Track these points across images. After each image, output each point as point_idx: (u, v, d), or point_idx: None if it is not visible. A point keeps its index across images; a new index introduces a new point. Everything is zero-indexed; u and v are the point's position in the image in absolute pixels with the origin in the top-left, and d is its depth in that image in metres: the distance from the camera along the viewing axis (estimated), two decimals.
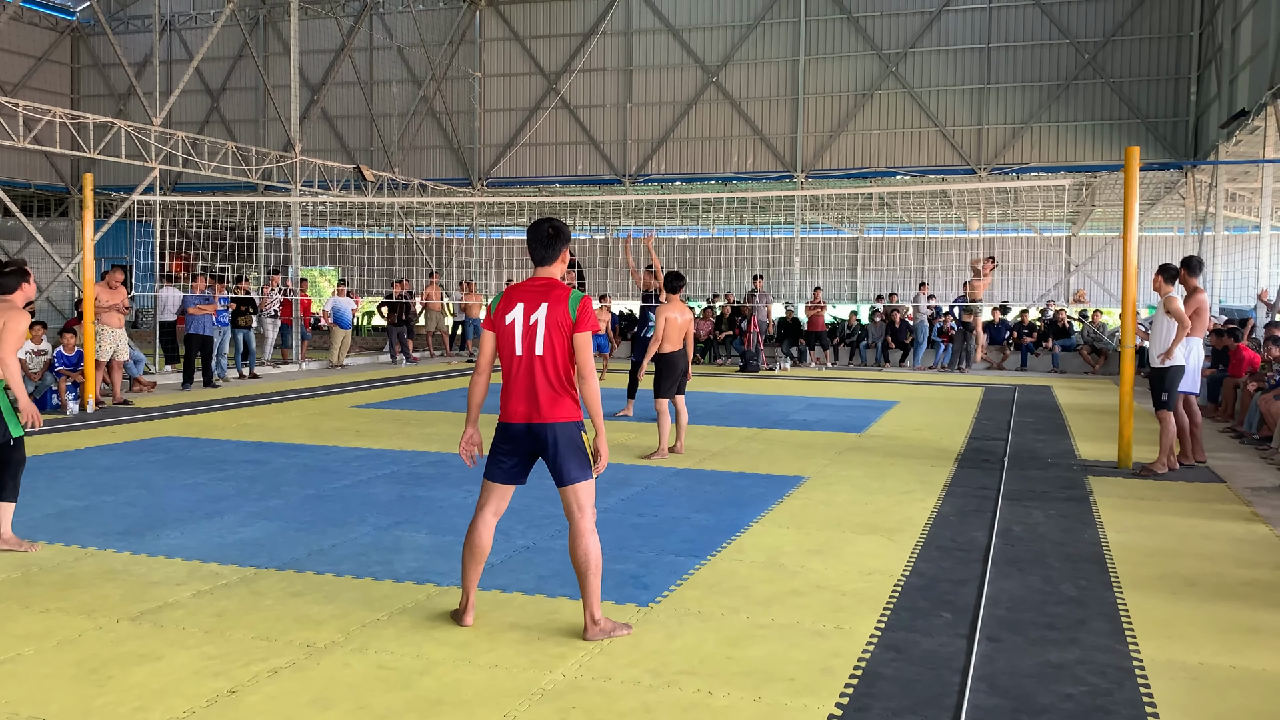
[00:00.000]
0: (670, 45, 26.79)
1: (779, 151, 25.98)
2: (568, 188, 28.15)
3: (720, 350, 22.68)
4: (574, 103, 27.69)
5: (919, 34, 24.77)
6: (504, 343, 4.60)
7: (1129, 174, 9.32)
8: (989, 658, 4.41)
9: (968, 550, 6.22)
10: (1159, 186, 24.21)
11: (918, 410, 13.64)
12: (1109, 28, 23.58)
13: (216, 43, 26.99)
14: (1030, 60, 24.24)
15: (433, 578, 5.47)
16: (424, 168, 28.81)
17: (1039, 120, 24.18)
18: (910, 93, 24.93)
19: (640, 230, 30.62)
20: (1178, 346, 8.82)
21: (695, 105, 26.65)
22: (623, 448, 10.00)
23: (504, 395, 4.63)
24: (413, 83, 28.88)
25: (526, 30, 28.09)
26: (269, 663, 4.26)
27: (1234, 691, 4.09)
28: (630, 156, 27.30)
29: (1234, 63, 18.41)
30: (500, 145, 28.50)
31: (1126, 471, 9.05)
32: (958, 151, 24.73)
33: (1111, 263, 26.10)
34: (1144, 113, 23.53)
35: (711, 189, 26.77)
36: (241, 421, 11.81)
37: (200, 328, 15.31)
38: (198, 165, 19.06)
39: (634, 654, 4.39)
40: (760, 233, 30.98)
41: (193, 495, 7.56)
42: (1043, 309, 22.78)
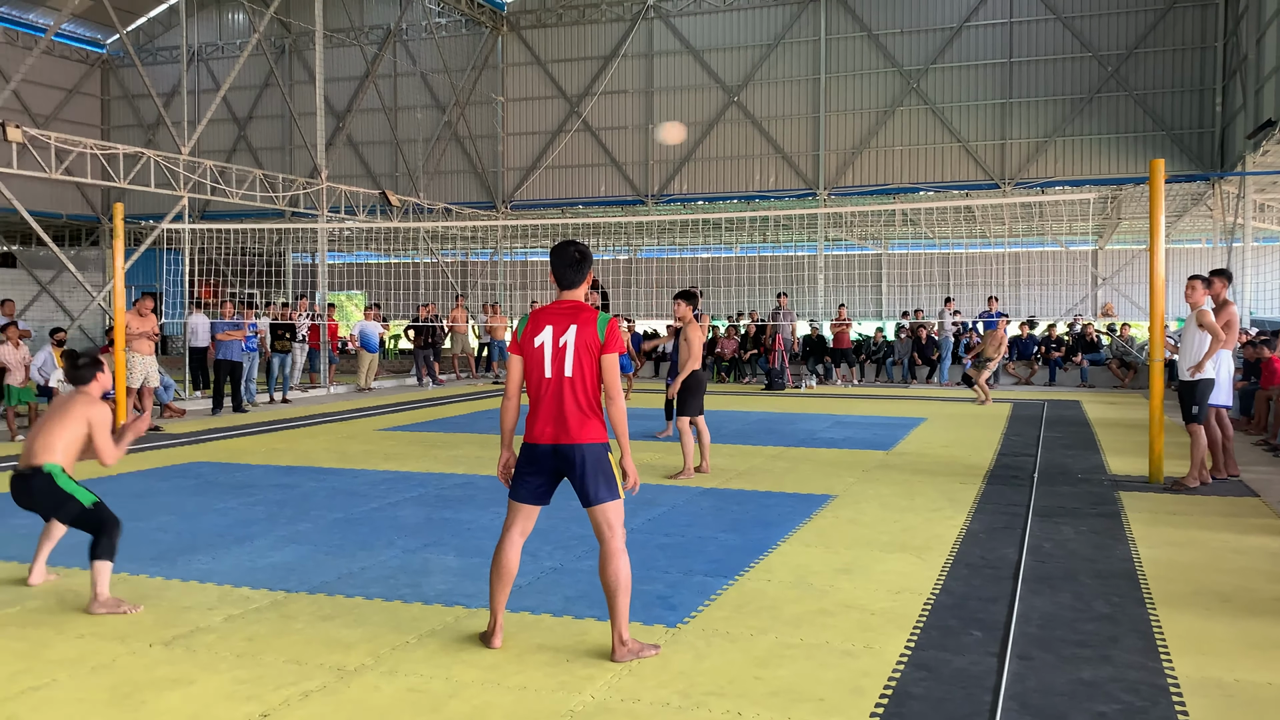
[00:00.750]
0: (691, 66, 26.92)
1: (801, 169, 26.01)
2: (591, 209, 28.29)
3: (745, 369, 22.65)
4: (596, 125, 27.85)
5: (940, 50, 24.78)
6: (532, 365, 4.62)
7: (1154, 186, 9.27)
8: (1020, 676, 4.37)
9: (998, 567, 6.18)
10: (1186, 198, 24.02)
11: (945, 427, 13.56)
12: (1132, 40, 23.50)
13: (243, 72, 27.39)
14: (1053, 74, 24.19)
15: (461, 600, 5.49)
16: (449, 192, 29.04)
17: (1063, 134, 24.10)
18: (932, 109, 24.92)
19: (664, 250, 30.71)
20: (1208, 359, 8.74)
21: (717, 125, 26.74)
22: (649, 467, 10.00)
23: (530, 416, 4.66)
24: (436, 108, 29.15)
25: (548, 54, 28.31)
26: (300, 686, 4.28)
27: (1271, 709, 4.03)
28: (653, 177, 27.42)
29: (1259, 73, 18.28)
30: (523, 168, 28.70)
31: (1158, 486, 8.96)
32: (981, 166, 24.67)
33: (1139, 276, 25.89)
34: (1169, 125, 23.40)
35: (734, 208, 26.82)
36: (270, 446, 11.90)
37: (229, 353, 15.45)
38: (225, 193, 19.29)
39: (662, 675, 4.39)
40: (784, 251, 30.94)
41: (223, 520, 7.62)
42: (1070, 323, 22.62)
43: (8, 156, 15.17)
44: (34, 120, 29.29)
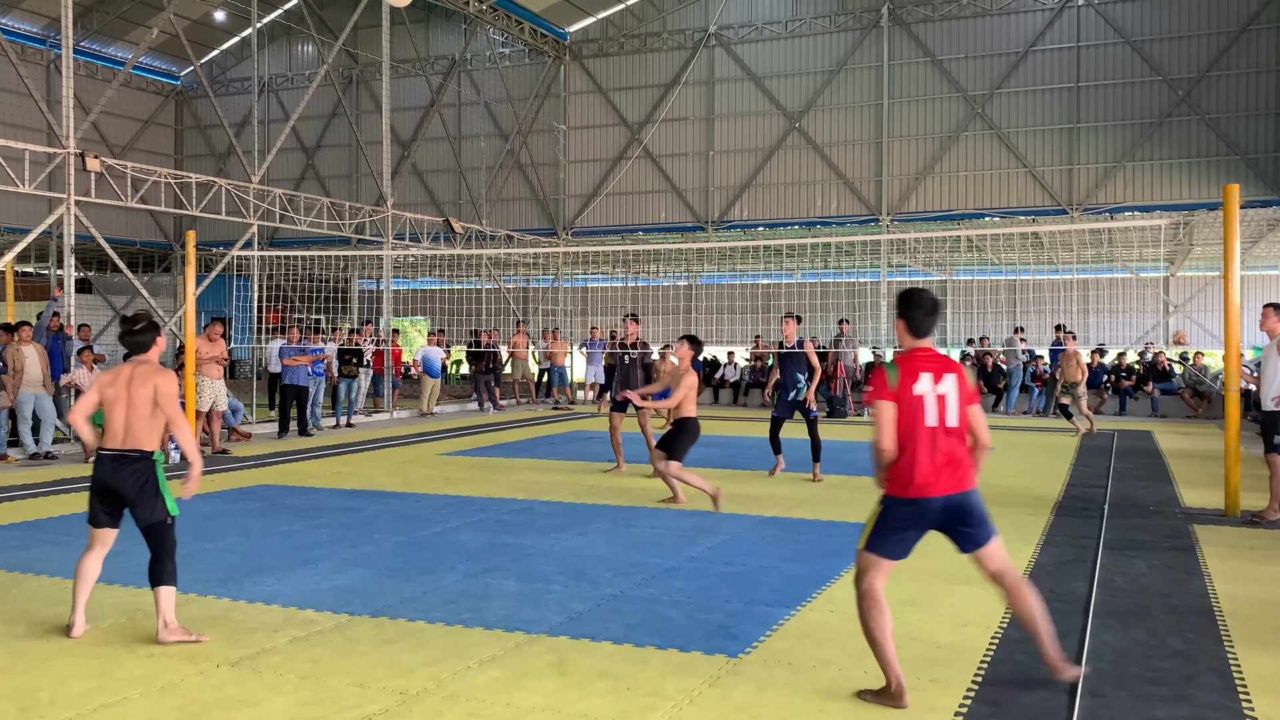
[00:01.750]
0: (752, 93, 26.95)
1: (863, 195, 25.86)
2: (651, 236, 28.38)
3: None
4: (656, 152, 27.98)
5: (1005, 75, 24.53)
6: (910, 413, 4.48)
7: (1228, 212, 9.05)
8: (1092, 714, 4.25)
9: (1068, 601, 6.03)
10: (1260, 224, 23.40)
11: (1013, 456, 13.31)
12: (1204, 63, 23.06)
13: (311, 102, 27.98)
14: (1121, 98, 23.81)
15: (522, 625, 5.49)
16: (511, 219, 29.33)
17: (1132, 159, 23.68)
18: (997, 134, 24.65)
19: (724, 276, 30.69)
20: None
21: (777, 151, 26.71)
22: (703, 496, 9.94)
23: (909, 467, 4.45)
24: (499, 136, 29.51)
25: (610, 83, 28.55)
26: (363, 709, 4.30)
27: None
28: (713, 203, 27.44)
29: None
30: (584, 195, 28.90)
31: (1234, 519, 8.70)
32: (1048, 192, 24.32)
33: (1212, 303, 25.26)
34: (1243, 149, 22.88)
35: (795, 234, 26.70)
36: (335, 470, 12.05)
37: (296, 378, 15.72)
38: (293, 220, 19.69)
39: (723, 705, 4.34)
40: (845, 277, 30.72)
41: (288, 542, 7.72)
42: (1141, 351, 22.14)
43: (86, 185, 15.65)
44: (111, 150, 30.18)
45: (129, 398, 5.38)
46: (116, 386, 5.43)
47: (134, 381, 5.40)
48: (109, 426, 5.40)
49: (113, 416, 5.41)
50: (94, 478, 5.41)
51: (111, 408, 5.42)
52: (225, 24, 31.36)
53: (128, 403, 5.38)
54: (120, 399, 5.40)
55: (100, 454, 5.41)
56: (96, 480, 5.39)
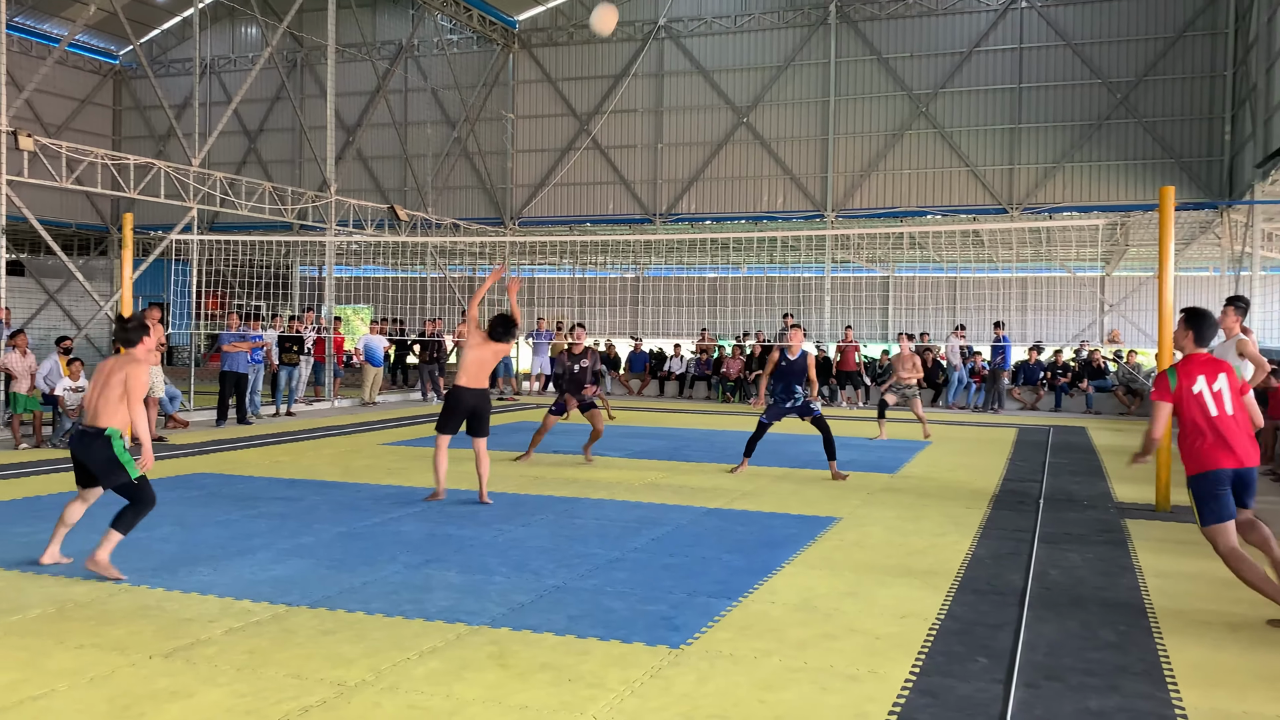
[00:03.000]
0: (701, 86, 27.01)
1: (809, 191, 26.05)
2: (599, 227, 28.34)
3: (751, 389, 22.61)
4: (605, 143, 27.94)
5: (949, 75, 24.84)
6: (1194, 408, 5.60)
7: (1164, 214, 9.25)
8: (1027, 704, 4.33)
9: (1004, 593, 6.13)
10: (1194, 226, 23.97)
11: (951, 451, 13.51)
12: (1141, 68, 23.55)
13: (254, 85, 27.47)
14: (1062, 100, 24.23)
15: (463, 617, 5.45)
16: (457, 207, 29.12)
17: (1071, 160, 24.13)
18: (941, 133, 24.97)
19: (671, 269, 30.73)
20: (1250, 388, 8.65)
21: (726, 145, 26.81)
22: (653, 487, 9.97)
23: (1214, 449, 5.54)
24: (446, 124, 29.26)
25: (559, 72, 28.43)
26: (300, 701, 4.25)
27: None
28: (661, 196, 27.47)
29: (1269, 102, 18.29)
30: (532, 185, 28.78)
31: (1165, 514, 8.91)
32: (989, 191, 24.69)
33: (1146, 303, 25.85)
34: (1178, 152, 23.42)
35: (742, 228, 26.85)
36: (274, 458, 11.88)
37: (235, 365, 15.46)
38: (235, 205, 19.35)
39: (665, 696, 4.35)
40: (791, 272, 30.94)
41: (225, 532, 7.60)
42: (1077, 349, 22.57)
43: (19, 165, 15.22)
44: (46, 129, 29.43)
45: (104, 382, 6.25)
46: (97, 373, 6.34)
47: (112, 369, 6.27)
48: (84, 405, 6.35)
49: (87, 398, 6.33)
50: (70, 450, 6.40)
51: (88, 391, 6.35)
52: (166, 3, 30.70)
53: (102, 386, 6.24)
54: (96, 383, 6.30)
55: (75, 429, 6.36)
56: (72, 452, 6.35)
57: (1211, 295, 24.40)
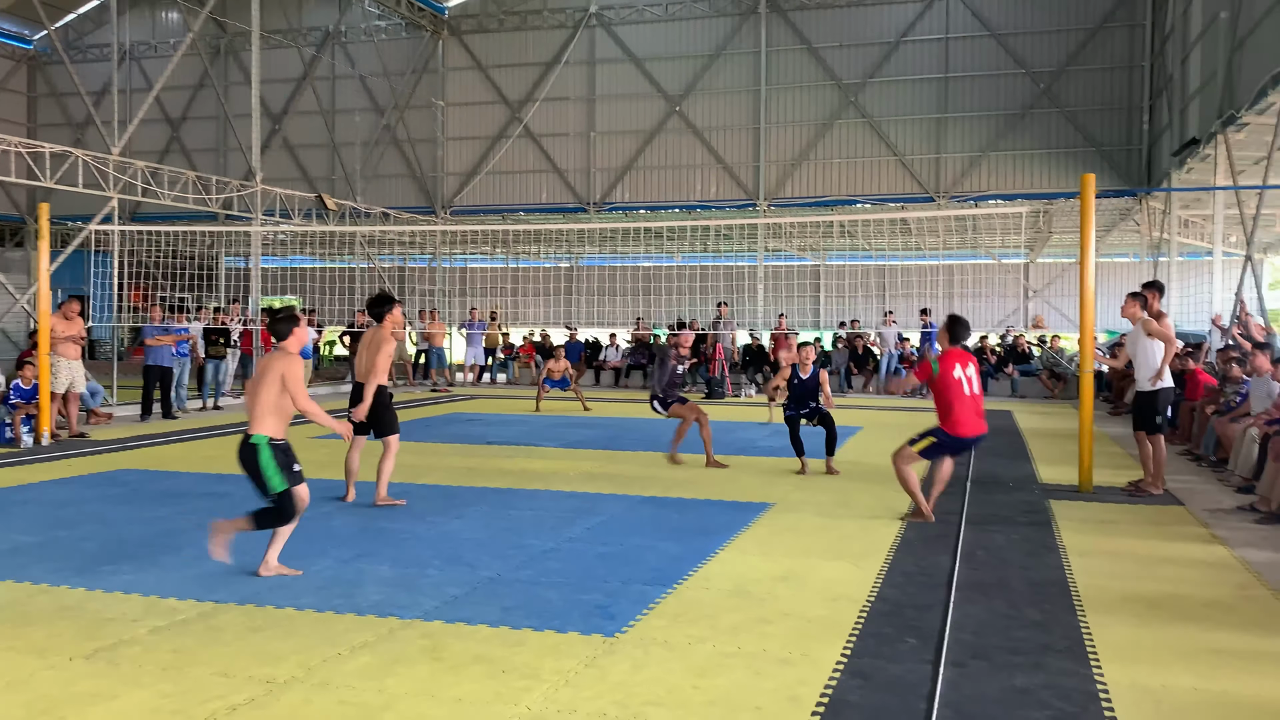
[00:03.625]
0: (633, 75, 26.97)
1: (742, 180, 26.18)
2: (532, 216, 28.19)
3: (686, 378, 22.68)
4: (538, 131, 27.78)
5: (878, 65, 25.12)
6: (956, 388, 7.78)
7: (1085, 201, 9.46)
8: (955, 683, 4.41)
9: (932, 575, 6.24)
10: (1114, 213, 24.59)
11: (882, 435, 13.69)
12: (1063, 58, 24.04)
13: (176, 72, 26.78)
14: (987, 90, 24.64)
15: (395, 611, 5.40)
16: (387, 196, 28.72)
17: (996, 149, 24.56)
18: (870, 122, 25.25)
19: (605, 259, 30.72)
20: (1165, 365, 8.96)
21: (658, 134, 26.82)
22: (588, 477, 9.97)
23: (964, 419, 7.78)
24: (375, 111, 28.85)
25: (489, 59, 28.18)
26: (227, 700, 4.17)
27: (1197, 714, 4.12)
28: (594, 185, 27.41)
29: (1184, 93, 18.81)
30: (464, 174, 28.51)
31: (1087, 495, 9.14)
32: (917, 180, 25.04)
33: (1069, 288, 26.41)
34: (1098, 141, 23.96)
35: (675, 217, 26.89)
36: (202, 454, 11.64)
37: (159, 359, 15.11)
38: (157, 195, 18.88)
39: (599, 685, 4.36)
40: (724, 260, 31.10)
41: (150, 529, 7.43)
42: (1002, 335, 23.02)
43: None
44: None
45: (259, 381, 6.00)
46: (256, 371, 6.18)
47: (267, 367, 6.03)
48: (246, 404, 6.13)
49: (247, 395, 6.17)
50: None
51: (250, 389, 6.10)
52: None
53: (256, 385, 6.01)
54: (255, 381, 6.05)
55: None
56: None
57: (1131, 281, 25.03)
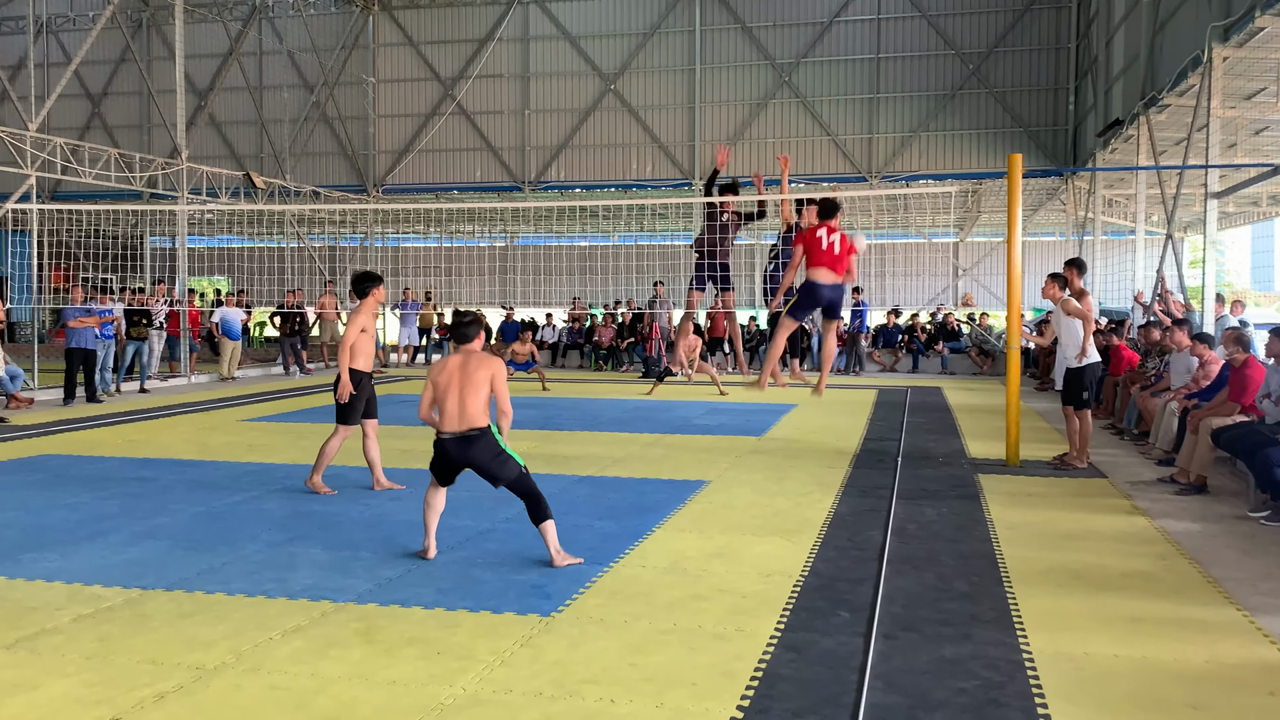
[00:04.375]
0: (568, 52, 26.78)
1: (677, 159, 26.18)
2: (466, 194, 27.91)
3: (623, 357, 22.73)
4: (471, 109, 27.48)
5: (811, 44, 25.24)
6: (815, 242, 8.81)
7: (1012, 181, 9.63)
8: (886, 655, 4.49)
9: (864, 549, 6.34)
10: (1041, 193, 25.08)
11: (815, 413, 13.86)
12: (992, 39, 24.38)
13: (97, 46, 26.03)
14: (918, 71, 24.91)
15: (328, 594, 5.34)
16: (317, 174, 28.23)
17: (927, 129, 24.86)
18: (803, 102, 25.39)
19: (541, 238, 30.55)
20: (1088, 342, 9.19)
21: (594, 113, 26.69)
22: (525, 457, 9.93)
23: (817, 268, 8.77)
24: (304, 88, 28.30)
25: (421, 35, 27.77)
26: (155, 688, 4.10)
27: (1118, 680, 4.24)
28: (529, 163, 27.21)
29: (1109, 74, 19.20)
30: (396, 151, 28.11)
31: (1015, 469, 9.34)
32: (849, 159, 25.25)
33: (997, 267, 26.95)
34: (1026, 122, 24.37)
35: (611, 196, 26.83)
36: (127, 438, 11.38)
37: (82, 341, 14.73)
38: (78, 172, 18.34)
39: (536, 665, 4.36)
40: (661, 240, 31.12)
41: (74, 515, 7.25)
42: (933, 312, 23.38)
43: None
44: None
45: (470, 383, 5.91)
46: (446, 374, 5.99)
47: (467, 367, 5.96)
48: (446, 410, 5.96)
49: (449, 401, 5.94)
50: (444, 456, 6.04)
51: (445, 393, 5.95)
52: None
53: (467, 387, 5.90)
54: (462, 385, 5.92)
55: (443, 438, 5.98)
56: (450, 458, 6.02)
57: (1058, 259, 25.55)
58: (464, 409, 5.89)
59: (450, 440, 5.93)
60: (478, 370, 5.96)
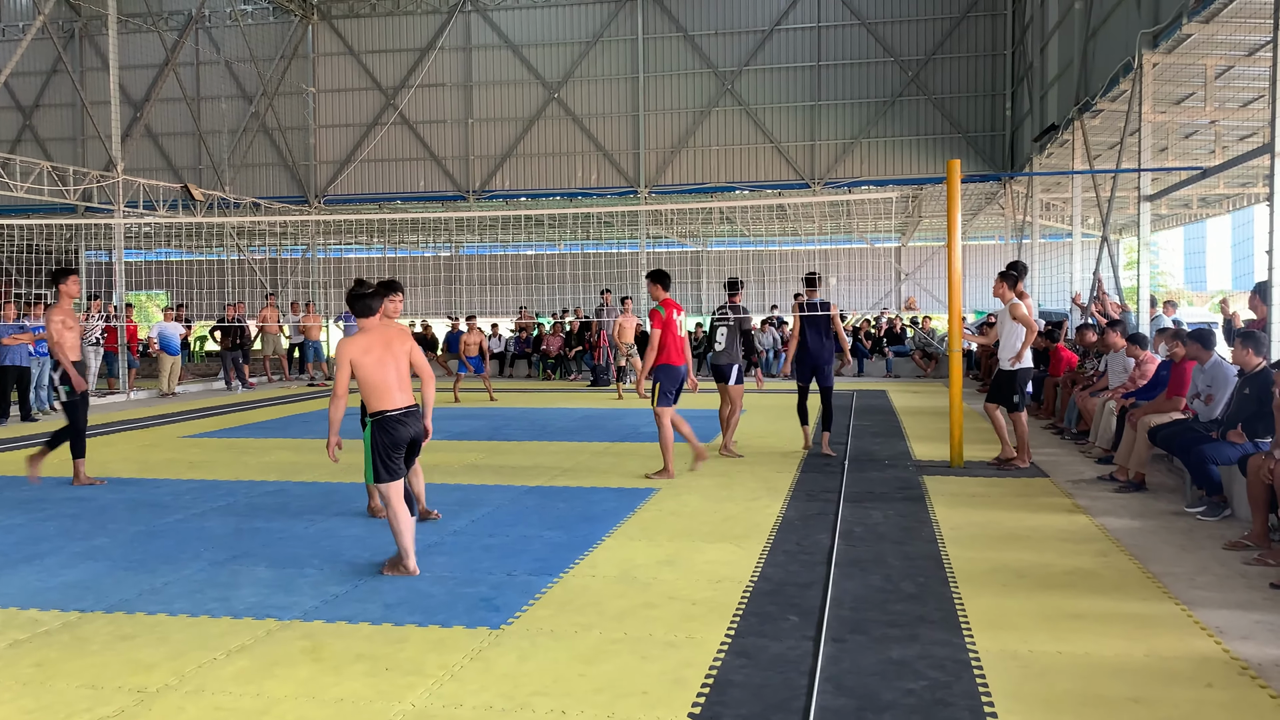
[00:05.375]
0: (510, 61, 26.73)
1: (622, 167, 26.23)
2: (410, 204, 27.73)
3: (571, 366, 22.69)
4: (414, 118, 27.30)
5: (752, 53, 25.44)
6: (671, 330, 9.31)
7: (951, 186, 9.77)
8: (835, 658, 4.52)
9: (812, 553, 6.38)
10: (980, 197, 25.49)
11: (763, 418, 13.94)
12: (930, 47, 24.75)
13: (27, 56, 25.50)
14: (858, 78, 25.21)
15: (273, 612, 5.26)
16: (257, 186, 27.87)
17: (868, 136, 25.16)
18: (746, 110, 25.57)
19: (487, 247, 30.41)
20: (1025, 349, 9.35)
21: (538, 121, 26.65)
22: (472, 469, 9.88)
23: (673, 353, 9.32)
24: (243, 98, 27.94)
25: (362, 45, 27.55)
26: (95, 713, 4.01)
27: (1061, 677, 4.31)
28: (474, 172, 27.09)
29: (1044, 80, 19.58)
30: (337, 162, 27.85)
31: (958, 470, 9.46)
32: (793, 166, 25.48)
33: (938, 271, 27.34)
34: (964, 127, 24.76)
35: (557, 205, 26.81)
36: (63, 457, 11.11)
37: (16, 358, 14.38)
38: (9, 186, 17.92)
39: (485, 678, 4.33)
40: (607, 248, 31.15)
41: (8, 538, 7.07)
42: (876, 316, 23.64)
43: None
44: None
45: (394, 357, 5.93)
46: (375, 353, 5.88)
47: (389, 340, 5.95)
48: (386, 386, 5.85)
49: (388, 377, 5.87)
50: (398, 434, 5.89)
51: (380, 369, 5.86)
52: None
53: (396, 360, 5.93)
54: (387, 358, 5.90)
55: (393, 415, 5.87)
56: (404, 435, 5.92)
57: (997, 262, 25.99)
58: (403, 382, 5.91)
59: (403, 415, 5.91)
60: (400, 343, 6.00)
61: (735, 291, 11.07)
